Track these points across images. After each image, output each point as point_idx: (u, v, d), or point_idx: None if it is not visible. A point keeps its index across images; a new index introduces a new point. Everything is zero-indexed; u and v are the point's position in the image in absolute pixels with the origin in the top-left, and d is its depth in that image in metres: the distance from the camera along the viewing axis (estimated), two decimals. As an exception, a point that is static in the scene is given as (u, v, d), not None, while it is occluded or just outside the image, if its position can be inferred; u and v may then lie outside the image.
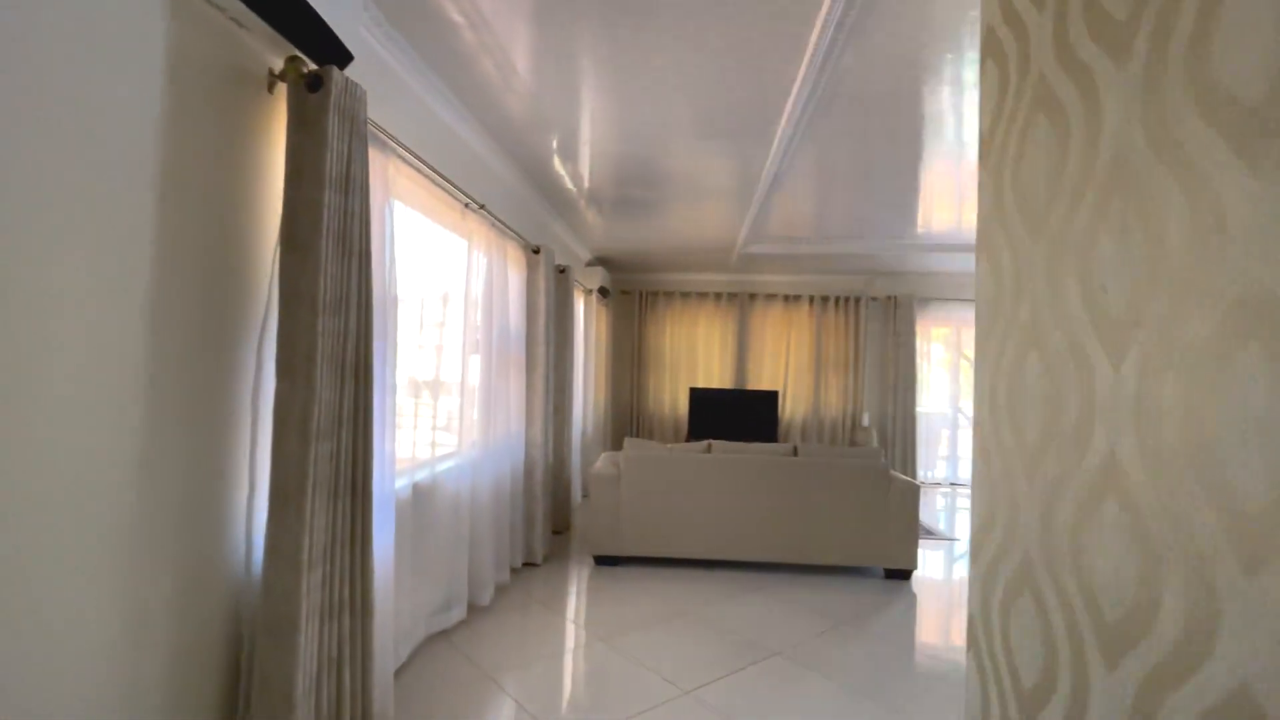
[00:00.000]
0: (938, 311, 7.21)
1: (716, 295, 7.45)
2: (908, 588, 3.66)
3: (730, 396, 7.04)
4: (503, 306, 3.39)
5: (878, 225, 5.23)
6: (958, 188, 4.20)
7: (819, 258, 6.29)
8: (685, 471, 3.83)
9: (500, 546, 3.36)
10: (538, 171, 3.95)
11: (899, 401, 7.04)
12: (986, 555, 0.86)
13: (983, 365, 0.88)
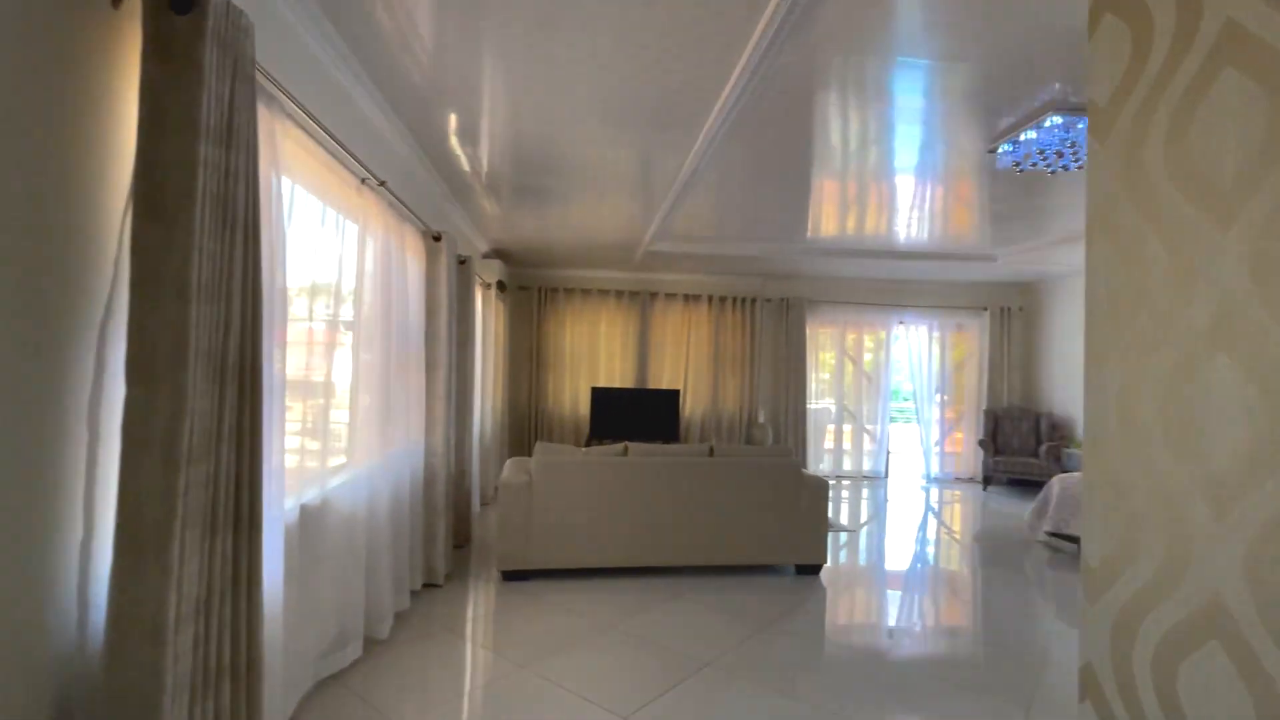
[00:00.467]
0: (825, 313, 7.59)
1: (618, 293, 7.32)
2: (819, 582, 3.75)
3: (632, 395, 6.95)
4: (401, 299, 3.01)
5: (777, 228, 5.36)
6: (845, 196, 4.39)
7: (719, 259, 6.36)
8: (601, 476, 3.65)
9: (399, 569, 2.99)
10: (436, 151, 3.58)
11: (791, 399, 7.33)
12: (1119, 596, 0.76)
13: (1107, 373, 0.78)
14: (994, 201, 4.47)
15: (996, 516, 5.77)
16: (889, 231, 5.42)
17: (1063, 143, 2.85)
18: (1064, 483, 4.67)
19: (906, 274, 7.11)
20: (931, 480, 7.62)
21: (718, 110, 2.86)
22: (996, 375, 7.59)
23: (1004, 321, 7.63)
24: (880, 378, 7.69)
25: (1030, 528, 4.90)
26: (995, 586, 3.84)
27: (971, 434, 7.68)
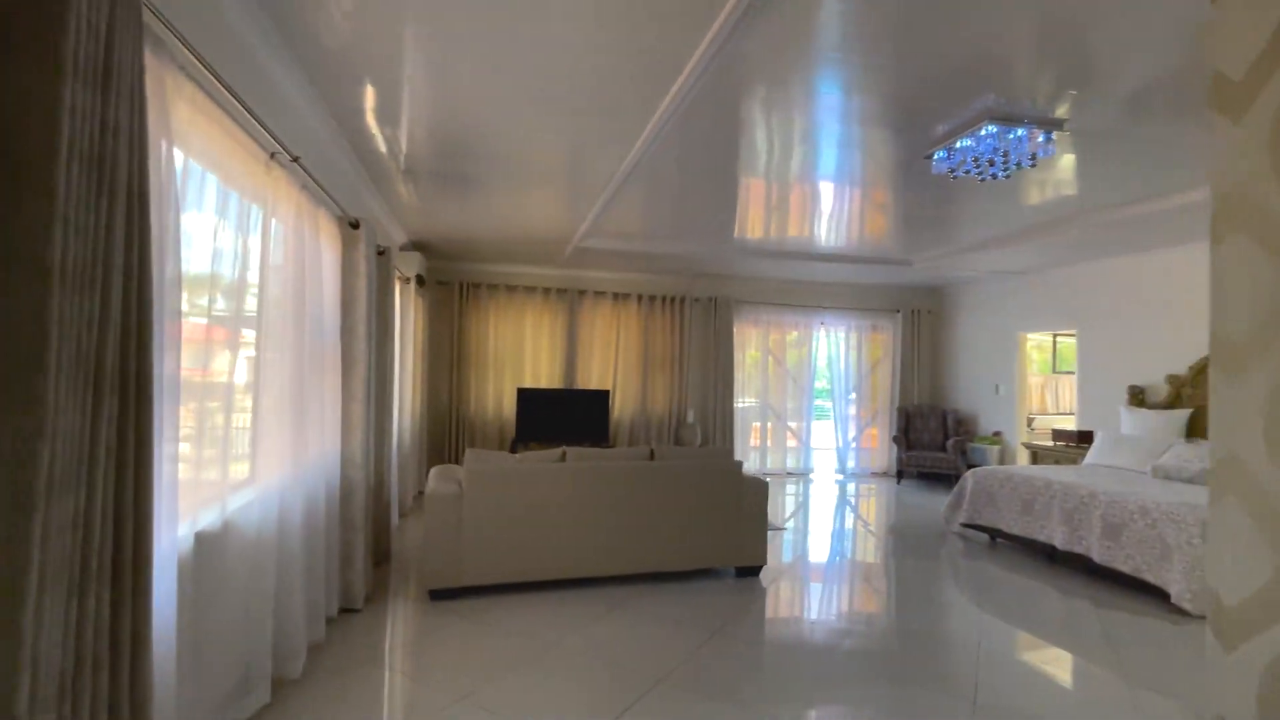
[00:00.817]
0: (752, 313, 7.69)
1: (545, 290, 7.06)
2: (759, 584, 3.72)
3: (561, 396, 6.72)
4: (315, 291, 2.67)
5: (707, 228, 5.31)
6: (772, 199, 4.43)
7: (649, 257, 6.27)
8: (538, 484, 3.44)
9: (313, 596, 2.65)
10: (352, 128, 3.24)
11: (719, 398, 7.36)
12: (1274, 644, 0.67)
13: (1248, 383, 0.68)
14: (909, 209, 4.64)
15: (912, 509, 6.04)
16: (814, 235, 5.53)
17: (994, 151, 2.95)
18: (976, 477, 4.93)
19: (829, 276, 7.32)
20: (849, 475, 7.92)
21: (671, 98, 2.73)
22: (908, 374, 8.00)
23: (915, 323, 8.05)
24: (803, 376, 7.89)
25: (946, 520, 5.15)
26: (921, 578, 3.98)
27: (885, 430, 8.05)
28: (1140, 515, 3.70)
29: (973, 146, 3.00)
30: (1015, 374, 7.02)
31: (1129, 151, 3.38)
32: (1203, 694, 2.51)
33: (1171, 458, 4.65)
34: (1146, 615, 3.40)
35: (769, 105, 2.90)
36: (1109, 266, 5.89)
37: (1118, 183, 3.95)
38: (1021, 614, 3.42)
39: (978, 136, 2.92)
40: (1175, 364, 5.28)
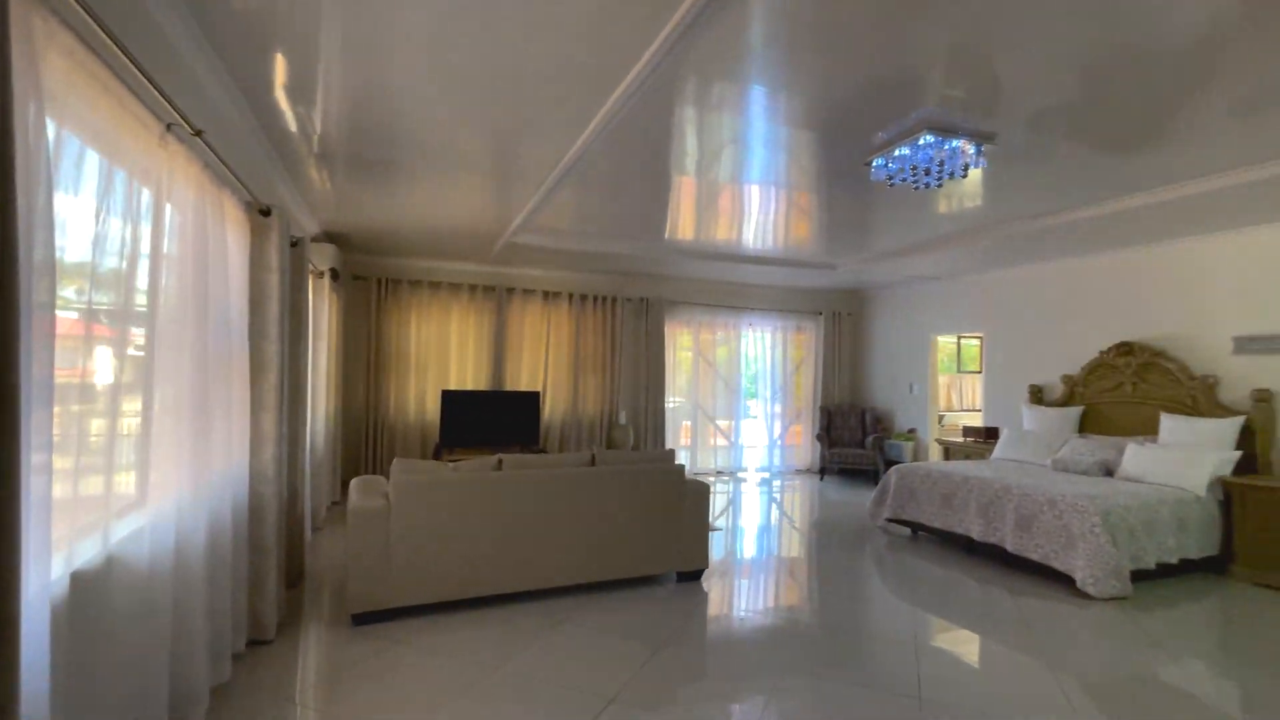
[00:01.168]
0: (682, 314, 7.71)
1: (472, 287, 6.75)
2: (700, 588, 3.69)
3: (488, 399, 6.45)
4: (220, 288, 2.36)
5: (642, 227, 5.25)
6: (709, 201, 4.44)
7: (582, 255, 6.13)
8: (473, 494, 3.23)
9: (218, 631, 2.34)
10: (261, 105, 2.91)
11: (650, 399, 7.33)
12: None
13: None
14: (836, 216, 4.79)
15: (837, 505, 6.25)
16: (745, 238, 5.60)
17: (931, 160, 3.05)
18: (899, 474, 5.15)
19: (757, 279, 7.46)
20: (775, 473, 8.11)
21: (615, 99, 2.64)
22: (829, 374, 8.29)
23: (836, 325, 8.36)
24: (732, 376, 8.00)
25: (872, 516, 5.35)
26: (851, 572, 4.09)
27: (809, 429, 8.31)
28: (1049, 507, 3.97)
29: (910, 155, 3.08)
30: (928, 374, 7.43)
31: (1036, 169, 3.63)
32: (1112, 671, 2.71)
33: (1068, 451, 5.05)
34: (1055, 600, 3.64)
35: (707, 112, 2.94)
36: (1014, 274, 6.34)
37: (1025, 197, 4.23)
38: (946, 604, 3.57)
39: (915, 146, 3.00)
40: (1070, 365, 5.75)
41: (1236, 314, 4.61)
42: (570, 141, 3.32)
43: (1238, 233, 4.59)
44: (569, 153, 3.48)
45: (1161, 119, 2.91)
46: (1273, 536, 3.96)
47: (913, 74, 2.51)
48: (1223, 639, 3.22)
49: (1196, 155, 3.37)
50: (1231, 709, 2.45)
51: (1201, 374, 4.77)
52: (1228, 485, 4.19)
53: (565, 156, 3.53)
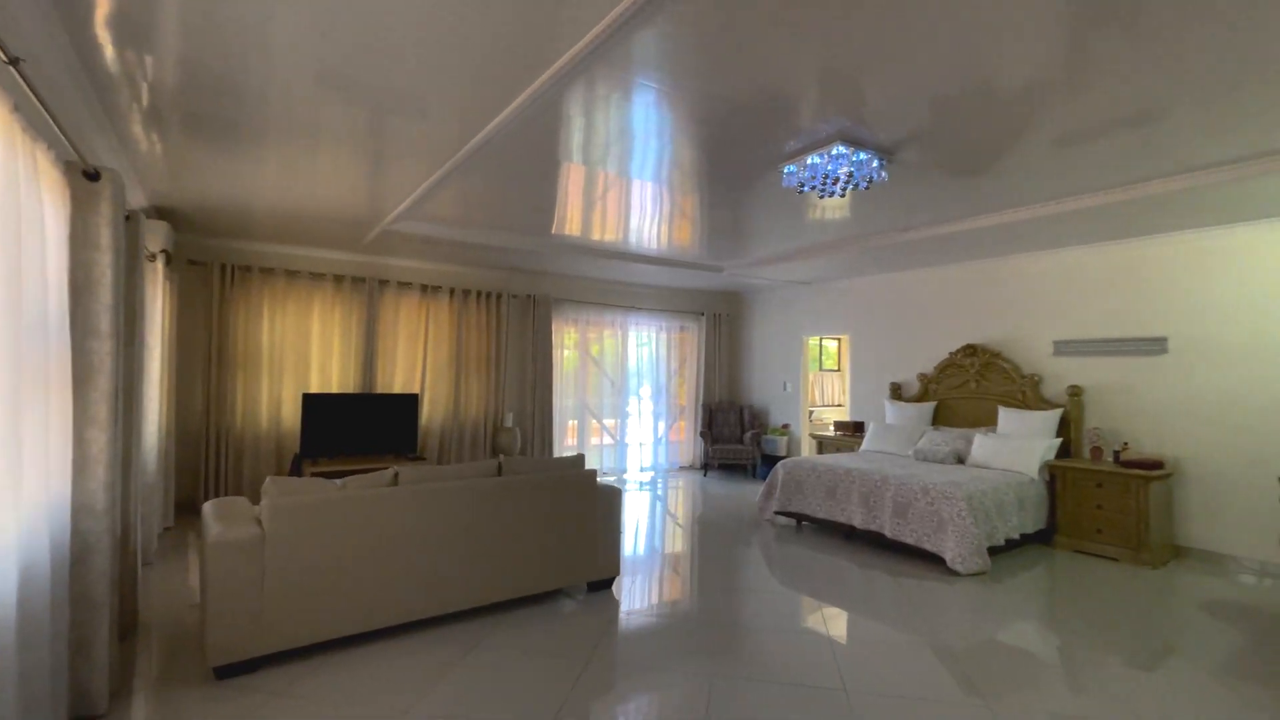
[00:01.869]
0: (570, 311, 7.52)
1: (339, 278, 6.04)
2: (612, 596, 3.57)
3: (358, 402, 5.81)
4: (36, 269, 1.82)
5: (532, 221, 5.01)
6: (609, 201, 4.37)
7: (466, 247, 5.71)
8: (368, 514, 2.84)
9: (31, 712, 1.80)
10: (80, 40, 2.32)
11: (538, 400, 7.07)
12: None
13: None
14: (728, 221, 4.91)
15: (724, 499, 6.45)
16: (638, 238, 5.57)
17: (840, 170, 3.18)
18: (786, 469, 5.41)
19: (644, 278, 7.48)
20: (660, 471, 8.22)
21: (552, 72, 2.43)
22: (711, 373, 8.56)
23: (716, 325, 8.65)
24: (619, 375, 7.97)
25: (761, 509, 5.57)
26: (748, 565, 4.20)
27: (691, 426, 8.52)
28: (922, 495, 4.36)
29: (821, 164, 3.20)
30: (800, 373, 7.92)
31: (895, 190, 4.02)
32: (975, 638, 3.02)
33: (926, 442, 5.62)
34: (929, 579, 4.01)
35: (611, 112, 2.92)
36: (877, 281, 6.93)
37: (886, 214, 4.67)
38: (844, 591, 3.78)
39: (828, 155, 3.12)
40: (925, 365, 6.41)
41: (1055, 322, 5.40)
42: (476, 127, 3.04)
43: (1055, 253, 5.38)
44: (474, 139, 3.19)
45: (998, 152, 3.33)
46: (1085, 510, 4.68)
47: (793, 94, 2.68)
48: (1053, 602, 3.71)
49: (1023, 186, 3.91)
50: (1052, 657, 2.83)
51: (1030, 373, 5.53)
52: (1053, 468, 4.89)
53: (470, 142, 3.24)
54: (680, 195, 4.32)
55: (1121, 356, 4.98)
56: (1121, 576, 4.15)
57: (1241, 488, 4.34)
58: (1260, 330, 4.29)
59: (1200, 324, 4.57)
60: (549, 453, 7.09)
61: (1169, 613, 3.53)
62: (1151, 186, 3.76)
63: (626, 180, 4.00)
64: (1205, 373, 4.53)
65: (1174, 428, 4.67)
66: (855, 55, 2.34)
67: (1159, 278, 4.79)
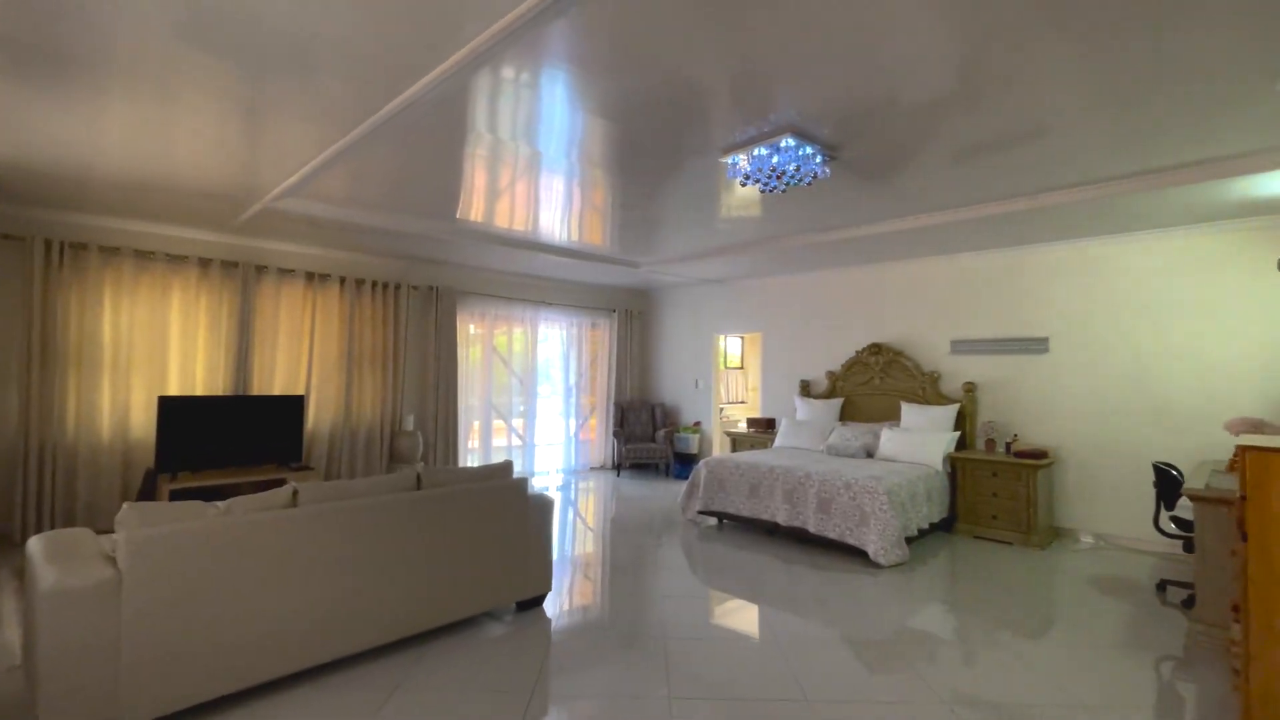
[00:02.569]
0: (476, 305, 7.04)
1: (204, 262, 5.19)
2: (543, 615, 3.29)
3: (228, 406, 5.03)
4: None
5: (436, 204, 4.57)
6: (527, 189, 4.08)
7: (359, 230, 5.11)
8: (257, 542, 2.36)
9: None
10: None
11: (441, 399, 6.54)
12: None
13: None
14: (647, 216, 4.78)
15: (640, 499, 6.31)
16: (547, 228, 5.28)
17: (786, 164, 3.11)
18: (709, 467, 5.35)
19: (555, 272, 7.16)
20: (572, 472, 7.94)
21: (481, 40, 2.12)
22: (622, 371, 8.40)
23: (628, 322, 8.50)
24: (528, 373, 7.58)
25: (684, 509, 5.47)
26: (678, 569, 4.08)
27: (603, 426, 8.31)
28: (844, 490, 4.45)
29: (767, 157, 3.11)
30: (711, 371, 7.97)
31: (806, 193, 4.14)
32: (898, 626, 3.09)
33: (837, 438, 5.80)
34: (853, 572, 4.09)
35: (525, 99, 2.78)
36: (788, 281, 7.10)
37: (796, 217, 4.80)
38: (773, 591, 3.74)
39: (776, 148, 3.03)
40: (833, 363, 6.63)
41: (952, 322, 5.78)
42: (381, 100, 2.67)
43: (952, 258, 5.75)
44: (379, 113, 2.80)
45: (899, 162, 3.51)
46: (982, 498, 5.02)
47: (710, 92, 2.67)
48: (972, 587, 3.91)
49: (926, 194, 4.14)
50: (987, 638, 2.96)
51: (929, 370, 5.87)
52: (953, 460, 5.20)
53: (374, 117, 2.83)
54: (595, 188, 4.17)
55: (1009, 355, 5.40)
56: (1017, 558, 4.48)
57: (1109, 473, 4.84)
58: (1128, 332, 4.81)
59: (1077, 326, 5.04)
60: (454, 458, 6.59)
61: (1064, 589, 3.82)
62: (1039, 200, 4.07)
63: (539, 169, 3.78)
64: (1082, 371, 5.02)
65: (1054, 420, 5.13)
66: (764, 60, 2.38)
67: (1042, 283, 5.24)
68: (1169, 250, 4.65)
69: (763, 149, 3.08)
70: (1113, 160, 3.41)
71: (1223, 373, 4.40)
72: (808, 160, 3.08)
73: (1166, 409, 4.61)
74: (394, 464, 5.97)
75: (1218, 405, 4.40)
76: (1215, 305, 4.45)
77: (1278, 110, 2.76)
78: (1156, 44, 2.24)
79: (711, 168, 3.60)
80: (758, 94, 2.67)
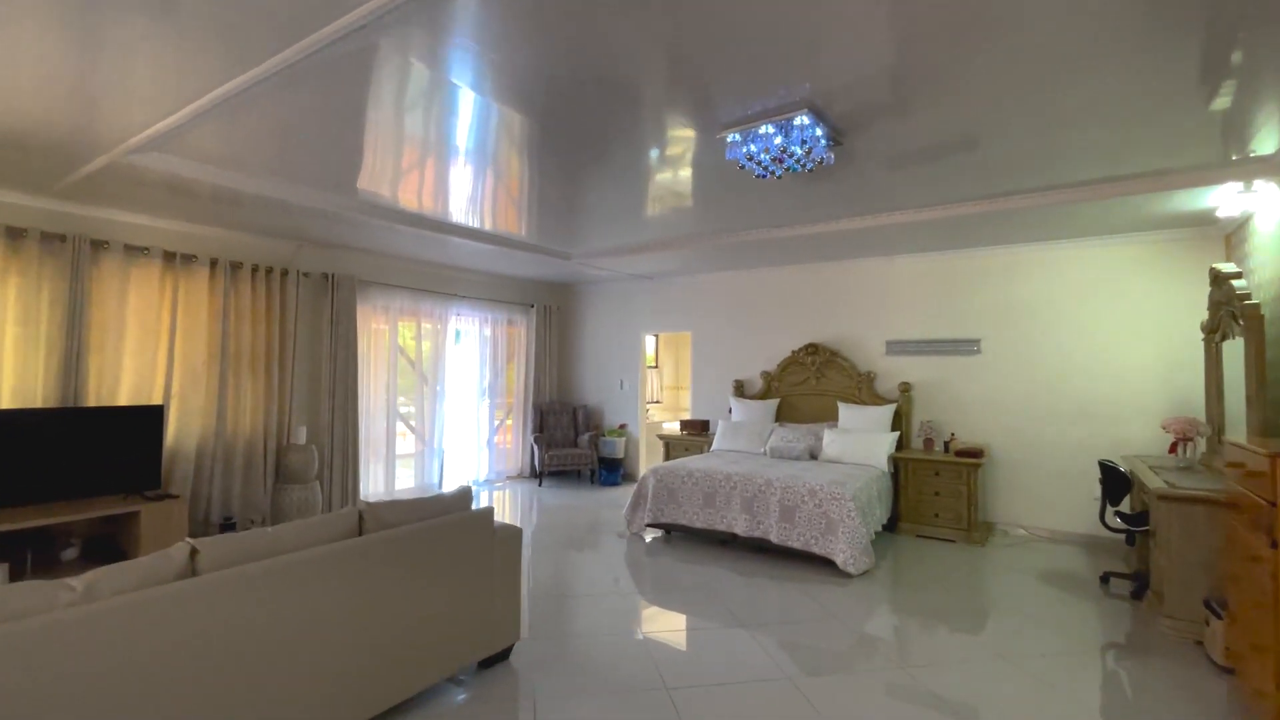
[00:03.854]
0: (379, 297, 6.13)
1: (14, 233, 3.95)
2: (512, 670, 2.73)
3: (55, 422, 3.88)
4: None
5: (339, 173, 3.81)
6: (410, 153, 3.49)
7: (240, 201, 4.15)
8: (135, 633, 1.64)
9: None
10: None
11: (339, 407, 5.60)
12: None
13: None
14: (564, 202, 4.36)
15: (571, 512, 5.80)
16: (469, 211, 4.65)
17: (793, 145, 2.78)
18: (658, 476, 4.98)
19: (470, 261, 6.42)
20: (487, 483, 7.22)
21: None
22: (541, 371, 7.79)
23: (548, 319, 7.90)
24: (436, 374, 6.76)
25: (629, 521, 5.05)
26: (647, 592, 3.67)
27: (520, 430, 7.66)
28: (809, 498, 4.26)
29: (772, 134, 2.76)
30: (638, 370, 7.60)
31: (742, 191, 4.02)
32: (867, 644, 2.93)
33: (778, 440, 5.66)
34: (823, 583, 3.91)
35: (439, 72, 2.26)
36: (720, 279, 6.88)
37: (731, 213, 4.63)
38: (745, 608, 3.45)
39: (789, 125, 2.69)
40: (768, 363, 6.51)
41: (887, 323, 5.84)
42: (284, 40, 2.01)
43: (887, 260, 5.81)
44: (281, 54, 2.13)
45: (834, 164, 3.46)
46: (925, 498, 5.09)
47: (633, 72, 2.43)
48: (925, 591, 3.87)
49: (862, 196, 4.12)
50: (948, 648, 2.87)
51: (865, 370, 5.90)
52: (896, 460, 5.23)
53: (262, 66, 2.16)
54: (515, 170, 3.72)
55: (943, 356, 5.54)
56: (964, 556, 4.55)
57: (1037, 469, 5.09)
58: (1056, 334, 5.06)
59: (1008, 328, 5.25)
60: (354, 474, 5.67)
61: (1020, 586, 3.88)
62: (970, 207, 4.14)
63: (454, 146, 3.28)
64: (1012, 371, 5.23)
65: (986, 419, 5.32)
66: (696, 43, 2.19)
67: (974, 286, 5.40)
68: (1089, 258, 4.94)
69: (769, 126, 2.73)
70: (1043, 172, 3.57)
71: (1134, 373, 4.74)
72: (816, 143, 2.77)
73: (1087, 408, 4.91)
74: (282, 485, 4.99)
75: (1130, 403, 4.73)
76: (1129, 311, 4.78)
77: (1184, 136, 2.95)
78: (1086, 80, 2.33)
79: (636, 158, 3.28)
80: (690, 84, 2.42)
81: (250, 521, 4.94)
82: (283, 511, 4.91)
